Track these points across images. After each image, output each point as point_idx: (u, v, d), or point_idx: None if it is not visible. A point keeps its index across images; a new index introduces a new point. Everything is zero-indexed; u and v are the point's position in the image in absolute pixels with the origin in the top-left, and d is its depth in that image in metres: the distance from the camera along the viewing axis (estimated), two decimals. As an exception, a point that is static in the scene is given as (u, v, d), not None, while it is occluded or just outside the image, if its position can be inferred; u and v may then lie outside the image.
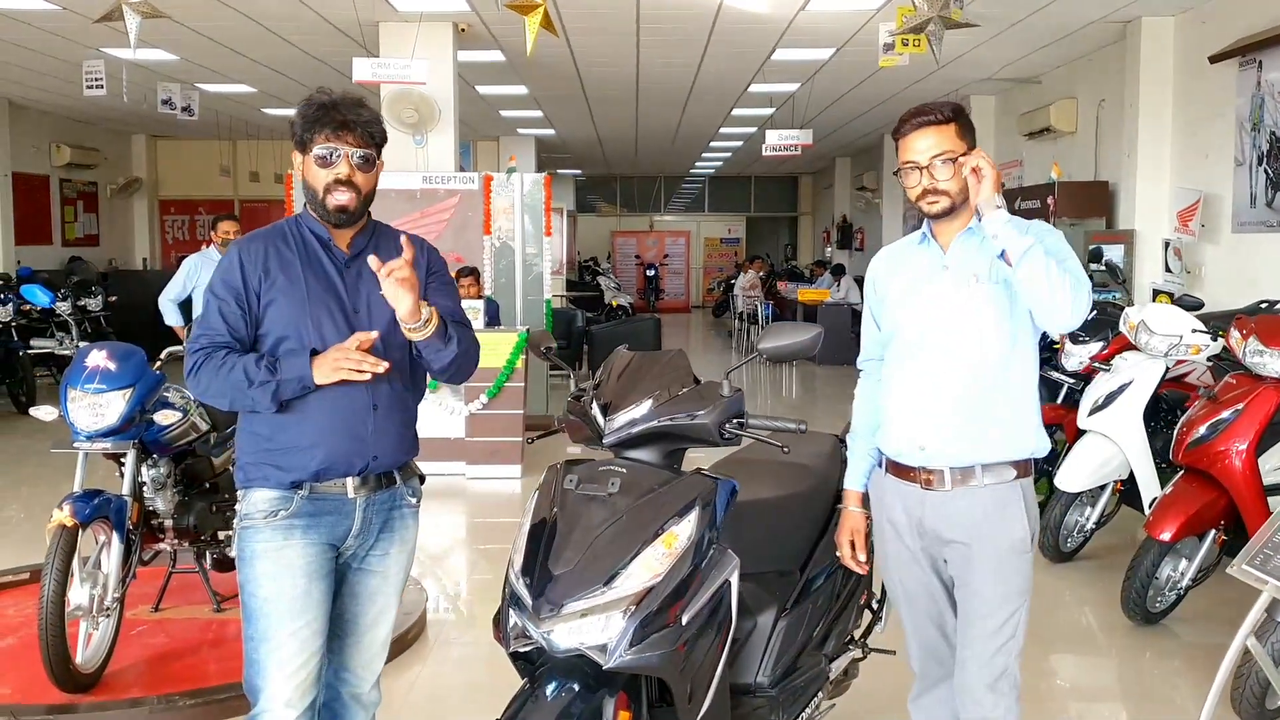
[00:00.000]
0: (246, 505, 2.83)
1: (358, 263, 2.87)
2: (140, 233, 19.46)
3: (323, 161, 2.78)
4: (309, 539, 2.81)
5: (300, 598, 2.78)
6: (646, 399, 2.79)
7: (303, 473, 2.79)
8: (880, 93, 14.52)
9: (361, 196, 2.82)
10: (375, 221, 2.98)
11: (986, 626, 2.90)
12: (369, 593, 2.96)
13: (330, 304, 2.82)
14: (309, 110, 2.80)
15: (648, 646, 2.51)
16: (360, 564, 2.94)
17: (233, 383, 2.72)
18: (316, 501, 2.82)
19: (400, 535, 2.97)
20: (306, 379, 2.71)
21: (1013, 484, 2.91)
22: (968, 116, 2.91)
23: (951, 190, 2.85)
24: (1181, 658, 4.97)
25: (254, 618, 2.79)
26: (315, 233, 2.88)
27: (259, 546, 2.79)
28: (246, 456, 2.85)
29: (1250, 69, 8.54)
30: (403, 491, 2.96)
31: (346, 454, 2.81)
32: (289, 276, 2.81)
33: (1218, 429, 4.86)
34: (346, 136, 2.78)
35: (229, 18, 9.87)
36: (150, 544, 4.86)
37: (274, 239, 2.87)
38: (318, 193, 2.81)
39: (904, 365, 2.99)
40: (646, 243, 30.58)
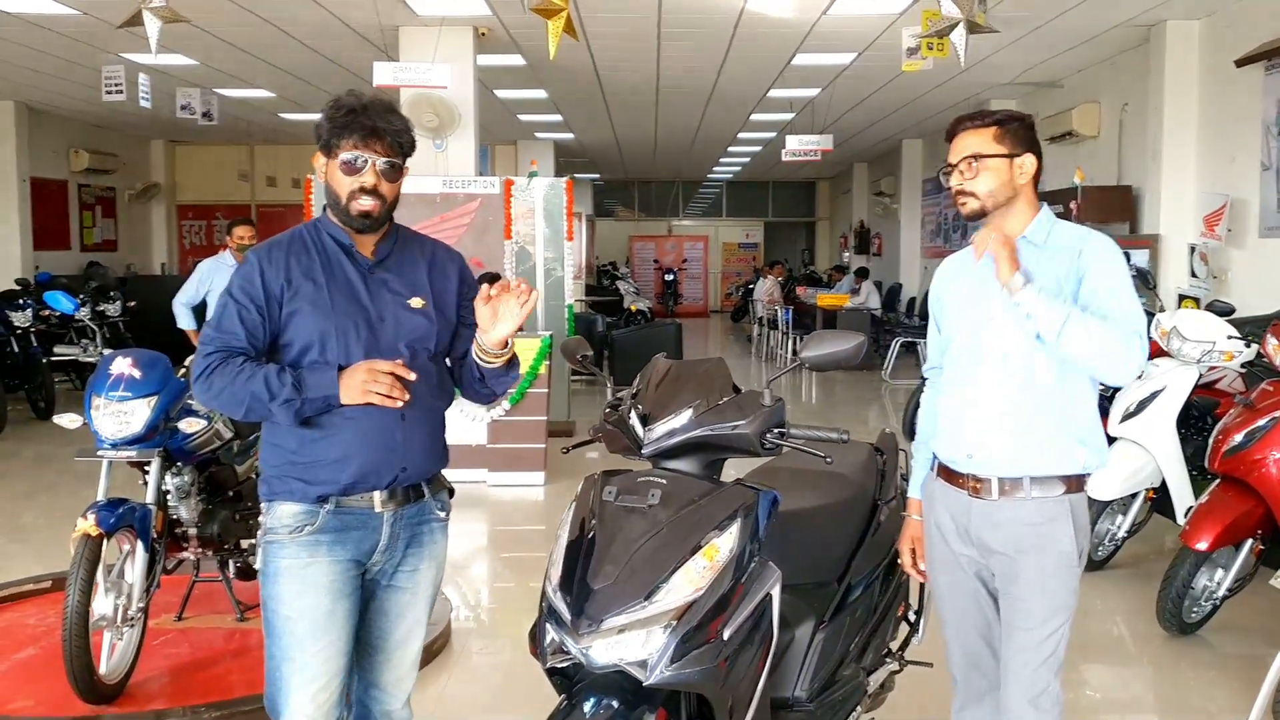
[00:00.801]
0: (271, 519, 2.75)
1: (381, 269, 2.80)
2: (158, 238, 19.49)
3: (349, 168, 2.70)
4: (335, 556, 2.73)
5: (324, 617, 2.71)
6: (686, 409, 2.73)
7: (330, 486, 2.72)
8: (900, 98, 14.47)
9: (387, 204, 2.75)
10: (398, 226, 2.89)
11: (1029, 640, 2.86)
12: (399, 610, 2.89)
13: (355, 313, 2.74)
14: (337, 113, 2.71)
15: (689, 662, 2.45)
16: (389, 581, 2.86)
17: (252, 393, 2.62)
18: (343, 516, 2.74)
19: (429, 550, 2.90)
20: (333, 399, 2.63)
21: (1060, 499, 2.86)
22: (1021, 124, 2.90)
23: (979, 191, 2.87)
24: (1217, 668, 4.89)
25: (277, 635, 2.73)
26: (336, 239, 2.80)
27: (284, 563, 2.72)
28: (271, 469, 2.78)
29: (1276, 73, 8.46)
30: (431, 505, 2.89)
31: (375, 466, 2.73)
32: (313, 285, 2.73)
33: (1255, 437, 4.79)
34: (375, 145, 2.70)
35: (248, 22, 9.87)
36: (174, 553, 4.83)
37: (294, 246, 2.79)
38: (341, 198, 2.73)
39: (958, 373, 2.98)
40: (665, 247, 30.53)
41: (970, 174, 2.87)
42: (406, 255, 2.86)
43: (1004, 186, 2.86)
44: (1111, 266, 2.81)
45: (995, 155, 2.85)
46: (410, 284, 2.82)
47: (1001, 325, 2.87)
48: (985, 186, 2.86)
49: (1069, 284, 2.81)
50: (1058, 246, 2.86)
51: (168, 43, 8.55)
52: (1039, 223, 2.90)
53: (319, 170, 2.78)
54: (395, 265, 2.83)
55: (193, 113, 12.83)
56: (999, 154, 2.85)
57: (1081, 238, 2.86)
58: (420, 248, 2.91)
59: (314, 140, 2.78)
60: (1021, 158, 2.87)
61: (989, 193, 2.86)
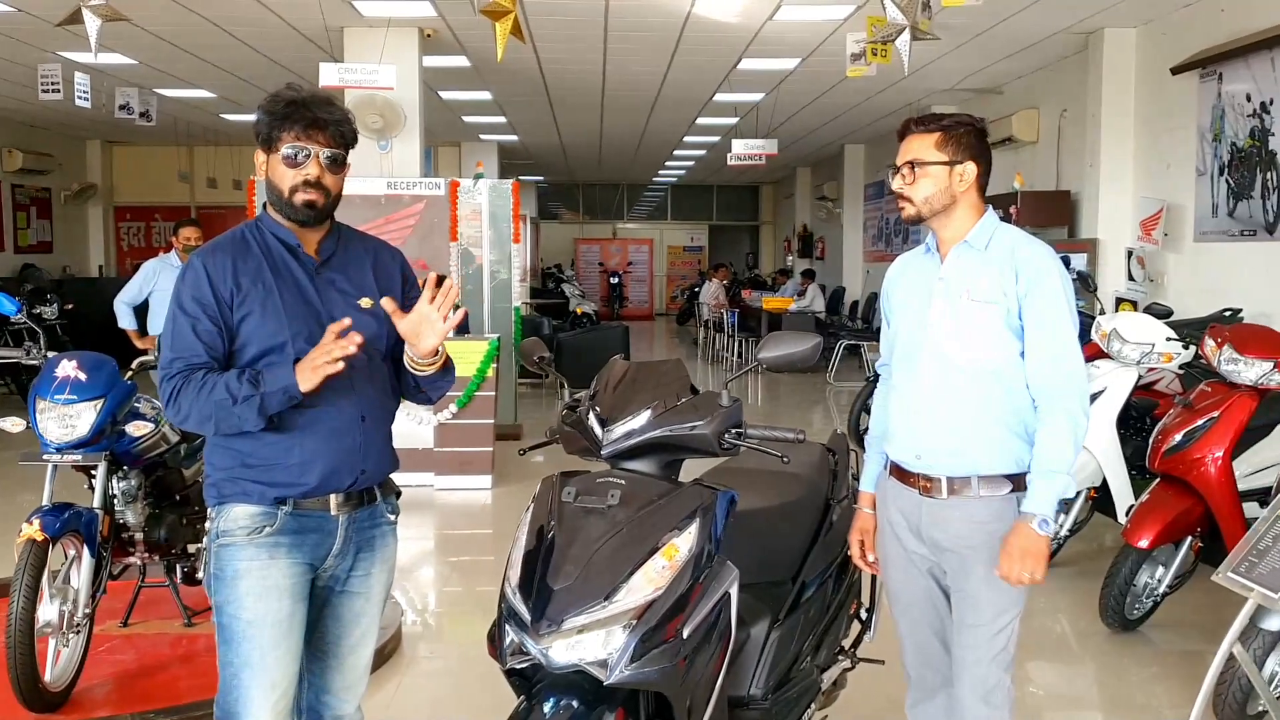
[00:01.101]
0: (225, 521, 2.68)
1: (328, 269, 2.76)
2: (95, 240, 19.13)
3: (290, 161, 2.64)
4: (293, 559, 2.69)
5: (285, 620, 2.67)
6: (645, 409, 2.75)
7: (291, 489, 2.66)
8: (842, 103, 14.60)
9: (330, 197, 2.70)
10: (339, 224, 2.83)
11: (981, 636, 2.91)
12: (353, 615, 2.85)
13: (307, 315, 2.68)
14: (277, 106, 2.65)
15: (648, 661, 2.47)
16: (342, 586, 2.82)
17: (216, 403, 2.55)
18: (300, 518, 2.69)
19: (381, 554, 2.87)
20: (292, 388, 2.55)
21: (1008, 497, 2.90)
22: (970, 129, 2.91)
23: (915, 197, 2.90)
24: (1159, 664, 4.99)
25: (236, 640, 2.66)
26: (281, 238, 2.73)
27: (242, 565, 2.65)
28: (221, 472, 2.70)
29: (1211, 81, 8.64)
30: (382, 509, 2.86)
31: (337, 469, 2.70)
32: (262, 288, 2.66)
33: (1193, 437, 4.90)
34: (317, 136, 2.64)
35: (190, 21, 9.73)
36: (120, 558, 4.76)
37: (238, 248, 2.71)
38: (284, 193, 2.66)
39: (903, 372, 3.02)
40: (610, 250, 30.55)
41: (909, 179, 2.89)
42: (351, 254, 2.82)
43: (942, 194, 2.88)
44: (1053, 293, 2.83)
45: (935, 163, 2.86)
46: (357, 284, 2.78)
47: (938, 327, 2.91)
48: (922, 193, 2.88)
49: (1009, 284, 2.84)
50: (997, 250, 2.89)
51: (107, 41, 8.42)
52: (982, 227, 2.92)
53: (259, 167, 2.73)
54: (341, 264, 2.79)
55: (131, 112, 12.62)
56: (938, 161, 2.86)
57: (1018, 252, 2.87)
58: (363, 246, 2.88)
59: (255, 139, 2.72)
60: (963, 165, 2.87)
61: (925, 199, 2.88)
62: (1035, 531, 2.79)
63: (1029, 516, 2.81)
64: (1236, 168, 8.30)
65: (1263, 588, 3.33)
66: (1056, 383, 2.83)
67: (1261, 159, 7.97)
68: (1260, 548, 3.42)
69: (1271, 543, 3.41)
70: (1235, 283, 8.23)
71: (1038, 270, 2.84)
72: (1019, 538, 2.81)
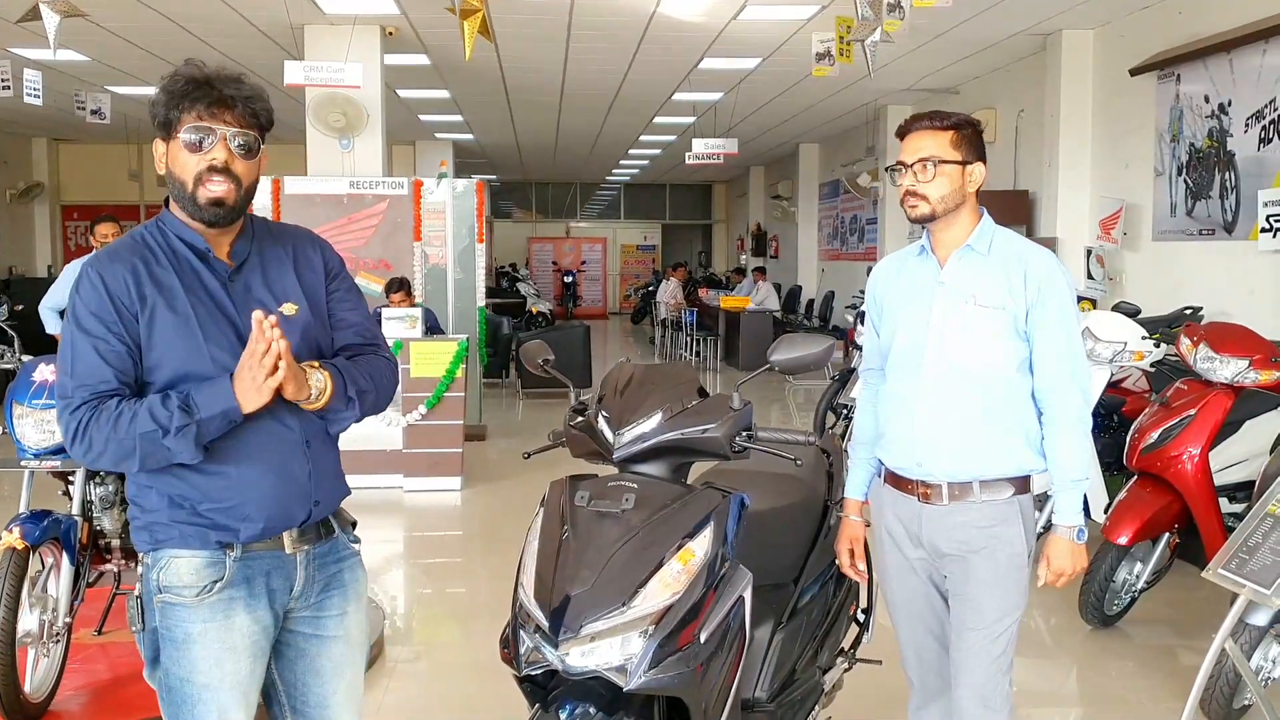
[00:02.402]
0: (166, 576, 2.32)
1: (243, 274, 2.40)
2: (41, 239, 18.80)
3: (193, 146, 2.27)
4: (252, 611, 2.36)
5: (245, 680, 2.38)
6: (656, 412, 2.73)
7: (235, 534, 2.32)
8: (799, 103, 14.67)
9: (242, 189, 2.32)
10: (253, 218, 2.47)
11: (980, 639, 2.91)
12: (334, 666, 2.54)
13: (222, 328, 2.32)
14: (175, 84, 2.27)
15: (667, 667, 2.46)
16: (316, 629, 2.50)
17: (140, 435, 2.17)
18: (252, 563, 2.36)
19: (353, 589, 2.57)
20: (232, 411, 2.21)
21: (1010, 500, 2.91)
22: (974, 130, 2.90)
23: (931, 195, 2.85)
24: (1137, 659, 5.06)
25: (188, 704, 2.34)
26: (187, 241, 2.36)
27: (195, 628, 2.31)
28: (153, 516, 2.33)
29: (1169, 82, 8.78)
30: (343, 541, 2.56)
31: (287, 504, 2.37)
32: (170, 302, 2.29)
33: (1170, 434, 4.97)
34: (224, 115, 2.27)
35: (147, 18, 9.58)
36: (96, 565, 4.66)
37: (139, 254, 2.33)
38: (186, 185, 2.28)
39: (901, 378, 2.98)
40: (563, 249, 30.50)
41: (925, 177, 2.84)
42: (268, 254, 2.46)
43: (955, 193, 2.85)
44: (1063, 303, 2.86)
45: (951, 162, 2.84)
46: (279, 289, 2.43)
47: (942, 332, 2.89)
48: (939, 191, 2.84)
49: (1017, 290, 2.84)
50: (1001, 254, 2.89)
51: (60, 38, 8.25)
52: (982, 230, 2.91)
53: (158, 159, 2.37)
54: (257, 268, 2.43)
55: (83, 109, 12.38)
56: (955, 160, 2.84)
57: (1026, 257, 2.88)
58: (279, 241, 2.50)
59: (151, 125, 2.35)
60: (973, 165, 2.87)
61: (940, 198, 2.85)
62: (1074, 544, 2.87)
63: (1063, 529, 2.86)
64: (1195, 168, 8.44)
65: (1253, 584, 3.38)
66: (1065, 388, 2.86)
67: (1219, 159, 8.10)
68: (1250, 544, 3.46)
69: (1261, 539, 3.45)
70: (1194, 281, 8.37)
71: (1048, 277, 2.85)
72: (1060, 555, 2.88)
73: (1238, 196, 7.89)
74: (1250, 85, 7.72)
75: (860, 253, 16.64)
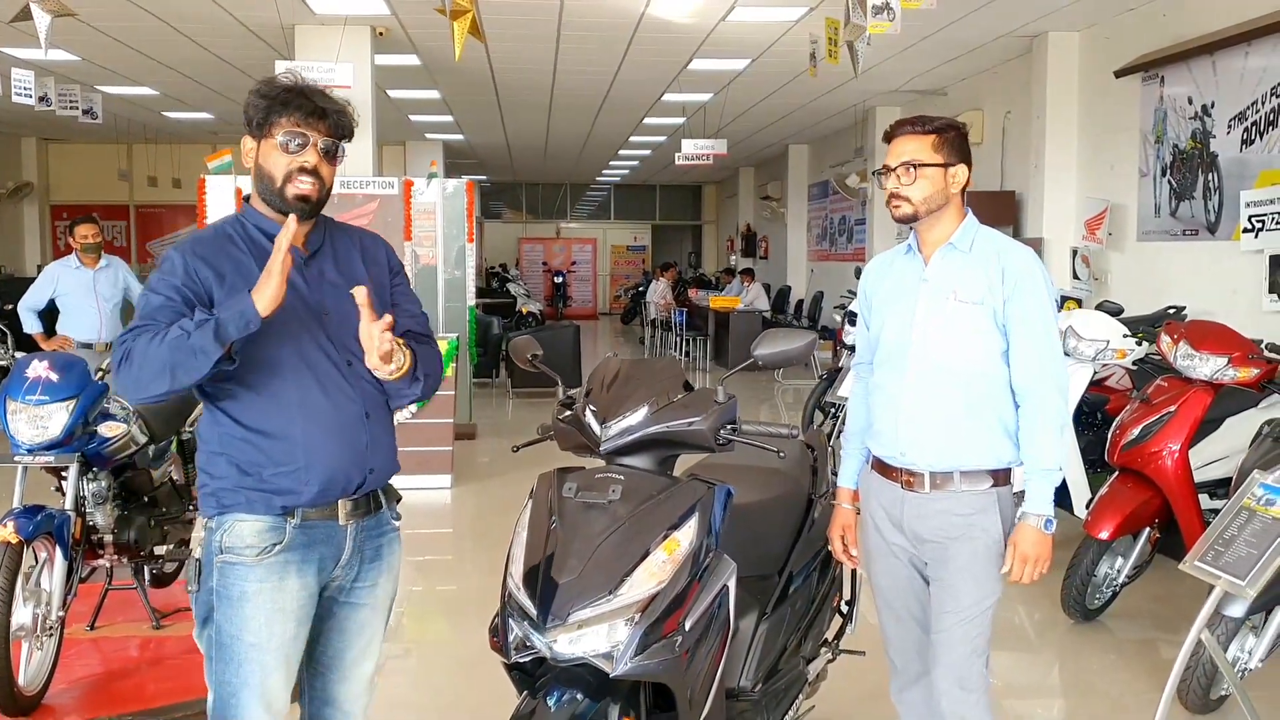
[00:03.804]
0: (229, 537, 2.55)
1: (317, 261, 2.65)
2: (31, 239, 18.79)
3: (287, 148, 2.53)
4: (304, 579, 2.59)
5: (290, 642, 2.59)
6: (642, 406, 2.79)
7: (296, 496, 2.55)
8: (788, 104, 14.74)
9: (324, 189, 2.58)
10: (324, 217, 2.71)
11: (957, 622, 2.99)
12: (357, 627, 2.77)
13: (295, 307, 2.54)
14: (273, 91, 2.55)
15: (652, 654, 2.52)
16: (347, 597, 2.73)
17: (169, 343, 2.36)
18: (308, 531, 2.58)
19: (389, 563, 2.79)
20: (249, 312, 2.37)
21: (989, 491, 2.99)
22: (957, 133, 2.99)
23: (913, 197, 2.95)
24: (1117, 652, 5.12)
25: (236, 661, 2.56)
26: (266, 231, 2.58)
27: (250, 586, 2.54)
28: (220, 481, 2.56)
29: (1153, 84, 8.86)
30: (387, 515, 2.78)
31: (345, 469, 2.59)
32: (247, 282, 2.48)
33: (1151, 431, 5.04)
34: (317, 124, 2.54)
35: (138, 18, 9.61)
36: (89, 560, 4.71)
37: (220, 241, 2.58)
38: (275, 181, 2.54)
39: (887, 372, 3.08)
40: (553, 250, 30.55)
41: (908, 180, 2.94)
42: (339, 246, 2.72)
43: (938, 194, 2.95)
44: (1038, 295, 2.94)
45: (932, 164, 2.93)
46: (349, 275, 2.67)
47: (925, 327, 2.98)
48: (920, 194, 2.94)
49: (995, 284, 2.93)
50: (982, 251, 2.99)
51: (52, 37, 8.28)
52: (965, 229, 3.01)
53: (246, 154, 2.61)
54: (330, 257, 2.69)
55: (74, 108, 12.38)
56: (935, 163, 2.93)
57: (1004, 254, 2.97)
58: (349, 236, 2.78)
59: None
60: (955, 168, 2.96)
61: (923, 199, 2.95)
62: (1041, 533, 2.92)
63: (1032, 518, 2.92)
64: (1178, 169, 8.52)
65: (1229, 576, 3.44)
66: (1040, 380, 2.94)
67: (1202, 160, 8.18)
68: (1226, 537, 3.52)
69: (1237, 532, 3.52)
70: (1178, 281, 8.45)
71: (1023, 273, 2.94)
72: (1027, 542, 2.93)
73: (1220, 197, 7.97)
74: (1233, 87, 7.80)
75: (849, 253, 16.71)
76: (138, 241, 20.14)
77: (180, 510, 5.24)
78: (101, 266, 8.06)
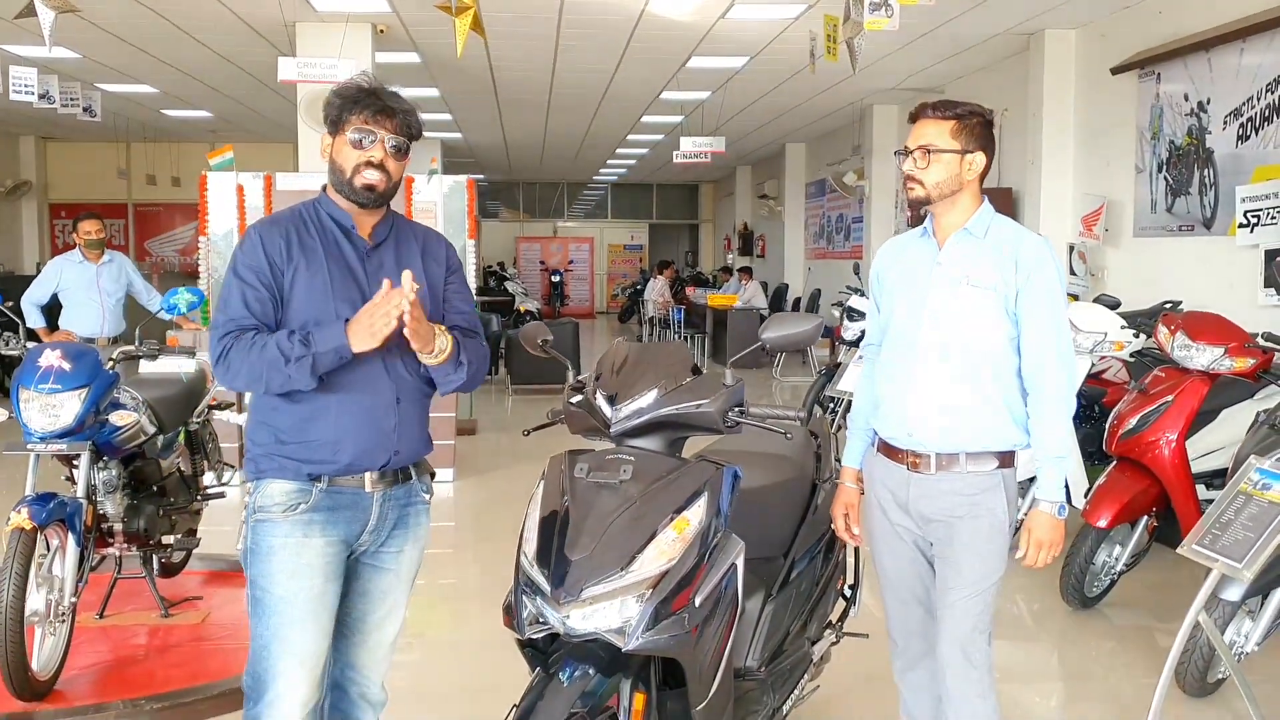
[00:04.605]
0: (261, 497, 2.76)
1: (379, 252, 2.84)
2: (30, 237, 18.80)
3: (357, 144, 2.74)
4: (328, 537, 2.76)
5: (316, 599, 2.75)
6: (652, 389, 2.84)
7: (326, 467, 2.74)
8: (786, 103, 14.79)
9: (391, 181, 2.78)
10: (393, 212, 2.93)
11: (961, 598, 3.04)
12: (380, 591, 2.92)
13: (352, 294, 2.75)
14: (349, 91, 2.77)
15: (663, 629, 2.57)
16: (373, 560, 2.90)
17: (268, 361, 2.62)
18: (335, 495, 2.77)
19: (414, 532, 2.95)
20: (343, 349, 2.63)
21: (994, 472, 3.04)
22: (980, 120, 3.01)
23: (926, 181, 2.98)
24: (1116, 639, 5.19)
25: (266, 614, 2.75)
26: (336, 219, 2.82)
27: (276, 541, 2.74)
28: (259, 448, 2.79)
29: (1149, 81, 8.92)
30: (418, 488, 2.93)
31: (371, 449, 2.77)
32: (311, 262, 2.75)
33: (1148, 420, 5.10)
34: (386, 122, 2.74)
35: (139, 15, 9.65)
36: (99, 548, 4.75)
37: (294, 222, 2.81)
38: (345, 173, 2.75)
39: (897, 353, 3.12)
40: (551, 249, 30.60)
41: (923, 163, 2.97)
42: (403, 239, 2.90)
43: (952, 180, 2.97)
44: (1050, 285, 2.99)
45: (948, 150, 2.96)
46: (406, 268, 2.77)
47: (936, 311, 3.02)
48: (934, 178, 2.97)
49: (1008, 272, 2.97)
50: (996, 239, 3.03)
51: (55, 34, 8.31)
52: (980, 216, 3.04)
53: (323, 149, 2.82)
54: (392, 249, 2.87)
55: (75, 106, 12.39)
56: (952, 149, 2.96)
57: (1019, 241, 3.01)
58: (413, 233, 2.96)
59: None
60: (973, 155, 2.98)
61: (936, 184, 2.98)
62: (1054, 518, 2.99)
63: (1045, 504, 2.99)
64: (1174, 165, 8.58)
65: (1226, 559, 3.50)
66: (1051, 369, 2.98)
67: (1198, 156, 8.25)
68: (1223, 521, 3.58)
69: (1233, 516, 3.57)
70: (1174, 276, 8.52)
71: (1037, 261, 2.98)
72: (1041, 527, 3.00)
73: (1216, 193, 8.03)
74: (1228, 83, 7.87)
75: (846, 251, 16.76)
76: (136, 240, 20.15)
77: (188, 500, 5.29)
78: (105, 262, 8.13)
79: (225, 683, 4.26)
